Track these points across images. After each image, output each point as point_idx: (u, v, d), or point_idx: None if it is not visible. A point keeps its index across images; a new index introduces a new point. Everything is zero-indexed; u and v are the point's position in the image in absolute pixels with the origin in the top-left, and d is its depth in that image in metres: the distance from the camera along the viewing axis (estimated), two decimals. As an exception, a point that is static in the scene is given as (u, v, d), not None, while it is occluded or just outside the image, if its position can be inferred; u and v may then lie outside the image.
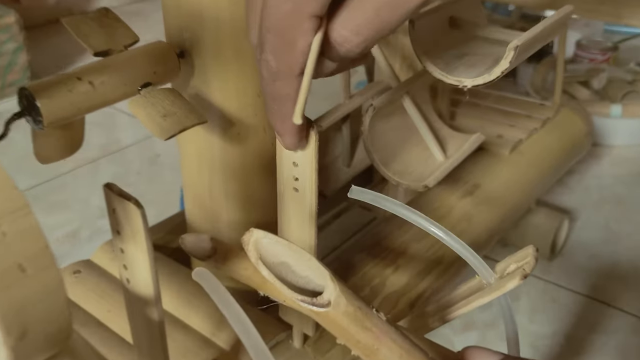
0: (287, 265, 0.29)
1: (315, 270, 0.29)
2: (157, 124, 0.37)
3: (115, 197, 0.29)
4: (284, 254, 0.29)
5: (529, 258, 0.32)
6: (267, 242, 0.29)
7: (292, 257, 0.29)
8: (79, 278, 0.53)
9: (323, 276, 0.28)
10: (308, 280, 0.29)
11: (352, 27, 0.28)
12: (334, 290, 0.27)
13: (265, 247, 0.29)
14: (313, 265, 0.29)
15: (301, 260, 0.29)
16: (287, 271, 0.29)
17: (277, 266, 0.29)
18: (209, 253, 0.35)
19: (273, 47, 0.28)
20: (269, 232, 0.30)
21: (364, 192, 0.36)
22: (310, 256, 0.29)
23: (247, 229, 0.30)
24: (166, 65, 0.40)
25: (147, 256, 0.29)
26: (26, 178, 0.96)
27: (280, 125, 0.32)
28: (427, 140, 0.55)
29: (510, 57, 0.41)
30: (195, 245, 0.35)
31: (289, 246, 0.29)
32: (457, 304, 0.35)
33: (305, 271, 0.29)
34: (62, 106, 0.35)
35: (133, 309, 0.33)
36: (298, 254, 0.29)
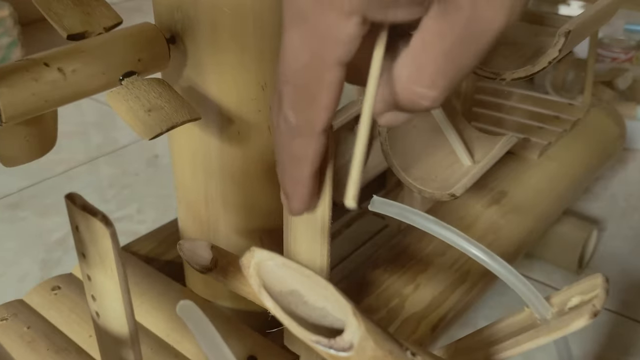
0: (298, 294, 0.23)
1: (334, 302, 0.23)
2: (141, 120, 0.31)
3: (77, 211, 0.22)
4: (294, 281, 0.23)
5: (599, 290, 0.26)
6: (272, 266, 0.24)
7: (304, 285, 0.23)
8: (59, 295, 0.47)
9: (344, 310, 0.22)
10: (324, 313, 0.23)
11: (426, 82, 0.23)
12: (357, 330, 0.21)
13: (270, 271, 0.23)
14: (331, 295, 0.23)
15: (316, 288, 0.23)
16: (297, 302, 0.23)
17: (285, 295, 0.23)
18: (209, 265, 0.30)
19: (292, 102, 0.25)
20: (275, 253, 0.24)
21: (388, 204, 0.30)
22: (327, 283, 0.23)
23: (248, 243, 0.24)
24: (153, 52, 0.34)
25: (119, 287, 0.23)
26: (17, 179, 0.91)
27: (290, 188, 0.28)
28: (452, 143, 0.49)
29: (560, 44, 0.34)
30: (193, 253, 0.30)
31: (301, 270, 0.23)
32: (504, 342, 0.29)
33: (321, 301, 0.23)
34: (25, 97, 0.29)
35: (105, 349, 0.27)
36: (312, 280, 0.23)
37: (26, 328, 0.44)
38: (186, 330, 0.42)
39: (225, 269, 0.30)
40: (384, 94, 0.25)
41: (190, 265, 0.30)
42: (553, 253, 0.72)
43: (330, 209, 0.32)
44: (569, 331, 0.27)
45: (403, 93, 0.24)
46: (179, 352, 0.42)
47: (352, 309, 0.21)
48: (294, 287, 0.23)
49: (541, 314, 0.28)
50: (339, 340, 0.21)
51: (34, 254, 0.77)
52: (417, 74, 0.23)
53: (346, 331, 0.21)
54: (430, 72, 0.23)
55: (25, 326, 0.44)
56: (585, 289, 0.28)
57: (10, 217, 0.84)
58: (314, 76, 0.23)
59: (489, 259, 0.28)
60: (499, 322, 0.31)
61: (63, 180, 0.94)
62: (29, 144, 0.34)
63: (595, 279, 0.27)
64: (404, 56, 0.23)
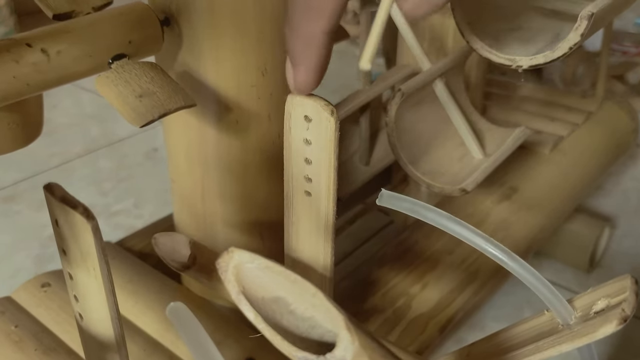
0: (284, 302, 0.21)
1: (324, 312, 0.20)
2: (131, 106, 0.29)
3: (56, 203, 0.20)
4: (279, 286, 0.21)
5: (628, 293, 0.24)
6: (253, 269, 0.21)
7: (290, 291, 0.20)
8: (48, 293, 0.45)
9: (335, 321, 0.19)
10: (313, 323, 0.21)
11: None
12: (351, 345, 0.19)
13: (251, 275, 0.21)
14: (320, 305, 0.20)
15: (304, 295, 0.20)
16: (283, 310, 0.21)
17: (268, 303, 0.21)
18: (187, 262, 0.27)
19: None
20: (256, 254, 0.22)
21: (398, 198, 0.28)
22: (316, 290, 0.20)
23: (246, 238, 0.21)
24: (145, 33, 0.32)
25: (102, 286, 0.21)
26: (11, 172, 0.89)
27: (300, 50, 0.25)
28: (462, 135, 0.46)
29: (582, 28, 0.32)
30: (170, 249, 0.27)
31: (286, 275, 0.20)
32: (522, 348, 0.26)
33: (309, 311, 0.21)
34: (5, 80, 0.27)
35: (90, 353, 0.24)
36: (299, 286, 0.20)
37: (14, 327, 0.42)
38: (181, 330, 0.40)
39: (205, 267, 0.28)
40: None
41: (166, 262, 0.27)
42: (563, 251, 0.70)
43: (335, 203, 0.30)
44: (595, 338, 0.24)
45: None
46: (174, 354, 0.39)
47: (345, 321, 0.19)
48: (279, 294, 0.21)
49: (563, 318, 0.26)
50: (330, 357, 0.19)
51: (28, 248, 0.74)
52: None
53: (338, 347, 0.19)
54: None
55: (13, 325, 0.42)
56: (612, 291, 0.25)
57: (4, 211, 0.82)
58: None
59: (507, 258, 0.26)
60: (515, 326, 0.29)
61: (59, 174, 0.92)
62: (12, 132, 0.32)
63: (623, 281, 0.25)
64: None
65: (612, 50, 1.16)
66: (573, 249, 0.70)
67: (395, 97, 0.43)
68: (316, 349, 0.19)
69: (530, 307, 0.64)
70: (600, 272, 0.72)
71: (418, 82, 0.44)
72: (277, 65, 0.36)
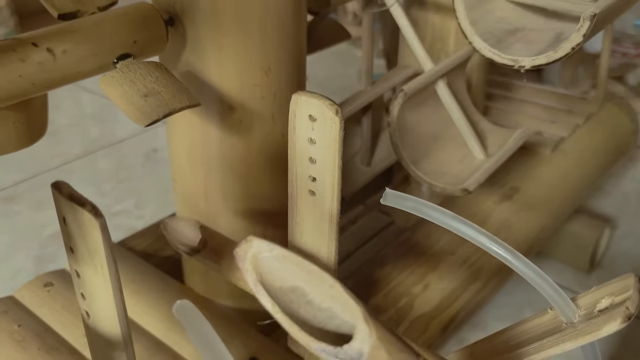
0: (302, 292, 0.21)
1: (342, 303, 0.20)
2: (136, 105, 0.29)
3: (64, 201, 0.20)
4: (297, 276, 0.21)
5: (631, 292, 0.24)
6: (271, 258, 0.21)
7: (307, 281, 0.20)
8: (51, 292, 0.45)
9: (353, 313, 0.20)
10: (331, 314, 0.21)
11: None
12: (369, 337, 0.19)
13: (268, 265, 0.21)
14: (338, 296, 0.20)
15: (321, 286, 0.20)
16: (300, 301, 0.21)
17: (286, 293, 0.21)
18: (197, 246, 0.27)
19: None
20: (275, 244, 0.22)
21: (402, 197, 0.28)
22: (334, 281, 0.20)
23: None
24: (150, 33, 0.32)
25: (110, 284, 0.21)
26: (12, 173, 0.89)
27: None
28: (464, 135, 0.46)
29: (585, 28, 0.32)
30: (180, 234, 0.27)
31: (304, 265, 0.20)
32: (526, 346, 0.26)
33: (327, 301, 0.21)
34: (11, 79, 0.27)
35: (96, 351, 0.24)
36: (317, 277, 0.20)
37: (17, 326, 0.42)
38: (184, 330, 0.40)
39: (216, 252, 0.27)
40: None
41: (174, 247, 0.27)
42: (564, 252, 0.70)
43: (339, 202, 0.30)
44: (599, 336, 0.24)
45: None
46: (177, 353, 0.39)
47: (363, 313, 0.19)
48: (297, 284, 0.21)
49: (567, 316, 0.26)
50: (347, 349, 0.19)
51: (28, 249, 0.74)
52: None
53: (355, 338, 0.19)
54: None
55: (16, 324, 0.42)
56: (616, 290, 0.26)
57: (4, 211, 0.82)
58: None
59: (512, 257, 0.26)
60: (519, 325, 0.29)
61: (59, 174, 0.92)
62: (17, 131, 0.32)
63: (627, 279, 0.25)
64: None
65: (611, 52, 1.16)
66: (573, 249, 0.70)
67: (397, 98, 0.43)
68: (333, 339, 0.19)
69: (531, 306, 0.64)
70: (600, 273, 0.73)
71: (420, 82, 0.44)
72: (280, 65, 0.36)
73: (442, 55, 0.53)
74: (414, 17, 0.54)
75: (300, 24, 0.37)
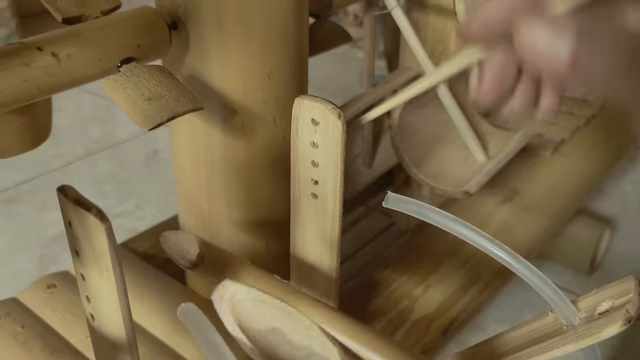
0: (280, 332, 0.21)
1: (319, 343, 0.20)
2: (140, 109, 0.29)
3: (70, 205, 0.20)
4: (275, 318, 0.21)
5: (632, 295, 0.24)
6: (249, 301, 0.21)
7: (286, 323, 0.21)
8: (54, 294, 0.45)
9: (330, 352, 0.20)
10: (309, 352, 0.21)
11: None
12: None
13: (247, 308, 0.21)
14: (315, 336, 0.20)
15: (299, 326, 0.21)
16: (280, 340, 0.21)
17: (265, 335, 0.21)
18: (196, 260, 0.27)
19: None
20: (264, 283, 0.22)
21: (404, 201, 0.28)
22: (311, 323, 0.21)
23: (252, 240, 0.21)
24: (153, 37, 0.32)
25: (115, 287, 0.21)
26: (14, 174, 0.89)
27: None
28: (465, 137, 0.47)
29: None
30: (178, 247, 0.28)
31: (282, 307, 0.21)
32: (527, 348, 0.27)
33: (306, 340, 0.21)
34: (16, 84, 0.27)
35: (100, 353, 0.25)
36: (294, 318, 0.21)
37: (20, 328, 0.42)
38: (187, 332, 0.40)
39: (215, 266, 0.28)
40: None
41: (174, 260, 0.27)
42: (564, 253, 0.70)
43: (341, 205, 0.30)
44: (600, 338, 0.25)
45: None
46: (180, 355, 0.40)
47: (339, 353, 0.19)
48: (275, 325, 0.21)
49: (568, 319, 0.26)
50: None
51: (30, 250, 0.75)
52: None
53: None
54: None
55: (19, 326, 0.42)
56: (616, 293, 0.26)
57: (7, 212, 0.82)
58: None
59: (513, 260, 0.26)
60: (520, 327, 0.29)
61: (60, 175, 0.92)
62: (22, 134, 0.32)
63: (627, 282, 0.25)
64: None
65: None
66: (574, 251, 0.70)
67: (399, 101, 0.43)
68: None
69: (531, 308, 0.64)
70: (600, 274, 0.73)
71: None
72: (282, 69, 0.36)
73: (443, 58, 0.54)
74: (415, 19, 0.54)
75: (302, 28, 0.37)
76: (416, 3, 0.53)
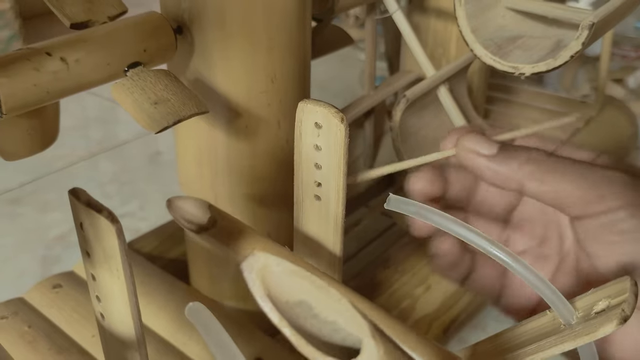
0: (307, 306, 0.21)
1: (348, 317, 0.21)
2: (147, 112, 0.30)
3: (82, 207, 0.21)
4: (304, 291, 0.21)
5: (627, 294, 0.25)
6: (279, 272, 0.21)
7: (314, 296, 0.21)
8: (60, 294, 0.46)
9: (360, 328, 0.20)
10: (336, 327, 0.21)
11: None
12: (376, 352, 0.19)
13: (276, 279, 0.21)
14: (345, 310, 0.21)
15: (328, 301, 0.21)
16: (306, 314, 0.21)
17: (292, 307, 0.21)
18: (207, 224, 0.26)
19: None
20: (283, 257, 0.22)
21: (405, 202, 0.29)
22: (341, 296, 0.21)
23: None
24: (159, 42, 0.33)
25: (125, 287, 0.22)
26: (17, 174, 0.90)
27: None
28: (465, 139, 0.47)
29: (583, 37, 0.33)
30: (185, 212, 0.26)
31: (312, 280, 0.21)
32: (525, 347, 0.27)
33: (333, 315, 0.21)
34: (26, 88, 0.28)
35: (109, 352, 0.25)
36: (324, 292, 0.21)
37: (27, 327, 0.43)
38: (192, 331, 0.41)
39: (226, 231, 0.27)
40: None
41: (181, 224, 0.26)
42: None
43: (344, 206, 0.31)
44: (596, 337, 0.25)
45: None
46: (185, 354, 0.40)
47: (370, 329, 0.20)
48: (303, 298, 0.21)
49: (565, 318, 0.27)
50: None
51: (33, 250, 0.75)
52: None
53: (362, 353, 0.19)
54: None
55: (26, 325, 0.43)
56: (612, 292, 0.26)
57: (10, 213, 0.83)
58: None
59: (511, 260, 0.27)
60: (519, 327, 0.30)
61: (63, 176, 0.93)
62: (30, 137, 0.32)
63: (623, 282, 0.26)
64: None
65: (611, 55, 1.17)
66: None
67: (400, 103, 0.44)
68: (338, 351, 0.19)
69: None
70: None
71: (422, 88, 0.45)
72: (286, 73, 0.37)
73: (443, 61, 0.54)
74: (416, 23, 0.54)
75: (305, 33, 0.37)
76: (417, 6, 0.53)
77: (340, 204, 0.31)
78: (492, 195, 0.34)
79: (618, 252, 0.29)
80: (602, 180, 0.30)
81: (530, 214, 0.34)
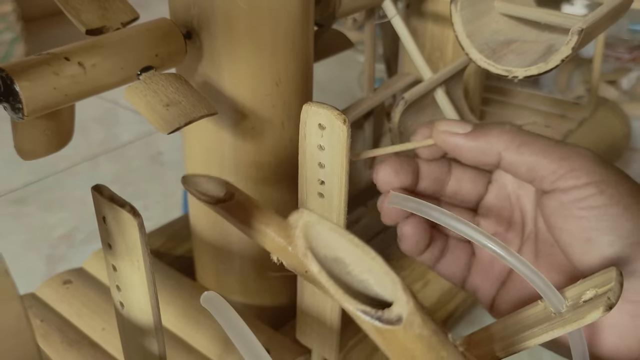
0: (343, 262, 0.23)
1: (382, 275, 0.22)
2: (159, 114, 0.31)
3: (105, 202, 0.23)
4: (341, 248, 0.22)
5: (613, 284, 0.26)
6: (320, 229, 0.23)
7: (350, 253, 0.22)
8: (70, 289, 0.47)
9: (393, 284, 0.21)
10: (366, 285, 0.23)
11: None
12: (406, 305, 0.21)
13: (317, 235, 0.23)
14: (379, 268, 0.22)
15: (363, 258, 0.22)
16: (341, 271, 0.23)
17: (329, 261, 0.23)
18: (225, 197, 0.27)
19: None
20: (324, 217, 0.24)
21: (406, 199, 0.31)
22: (376, 254, 0.22)
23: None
24: (170, 47, 0.34)
25: (145, 277, 0.23)
26: (23, 174, 0.91)
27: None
28: (462, 140, 0.49)
29: (573, 42, 0.35)
30: (201, 187, 0.27)
31: (349, 238, 0.22)
32: (519, 335, 0.29)
33: (365, 274, 0.23)
34: (46, 91, 0.30)
35: (128, 338, 0.27)
36: (360, 249, 0.22)
37: (40, 321, 0.44)
38: (199, 325, 0.43)
39: (243, 206, 0.28)
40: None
41: (196, 197, 0.26)
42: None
43: (346, 204, 0.33)
44: (584, 323, 0.27)
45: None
46: (193, 347, 0.42)
47: (402, 284, 0.21)
48: (339, 255, 0.22)
49: (556, 307, 0.28)
50: (388, 313, 0.20)
51: (39, 249, 0.77)
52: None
53: (395, 304, 0.21)
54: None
55: (39, 319, 0.44)
56: (600, 282, 0.28)
57: (15, 213, 0.84)
58: None
59: (506, 253, 0.28)
60: (512, 316, 0.31)
61: (67, 176, 0.94)
62: (47, 138, 0.34)
63: (609, 273, 0.28)
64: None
65: (605, 57, 1.19)
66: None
67: (398, 105, 0.45)
68: (370, 307, 0.21)
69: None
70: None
71: (420, 90, 0.46)
72: (289, 76, 0.39)
73: (440, 64, 0.56)
74: (414, 27, 0.56)
75: (308, 38, 0.39)
76: (415, 11, 0.55)
77: (342, 200, 0.32)
78: (463, 186, 0.36)
79: (585, 227, 0.30)
80: (573, 154, 0.31)
81: (496, 202, 0.36)
